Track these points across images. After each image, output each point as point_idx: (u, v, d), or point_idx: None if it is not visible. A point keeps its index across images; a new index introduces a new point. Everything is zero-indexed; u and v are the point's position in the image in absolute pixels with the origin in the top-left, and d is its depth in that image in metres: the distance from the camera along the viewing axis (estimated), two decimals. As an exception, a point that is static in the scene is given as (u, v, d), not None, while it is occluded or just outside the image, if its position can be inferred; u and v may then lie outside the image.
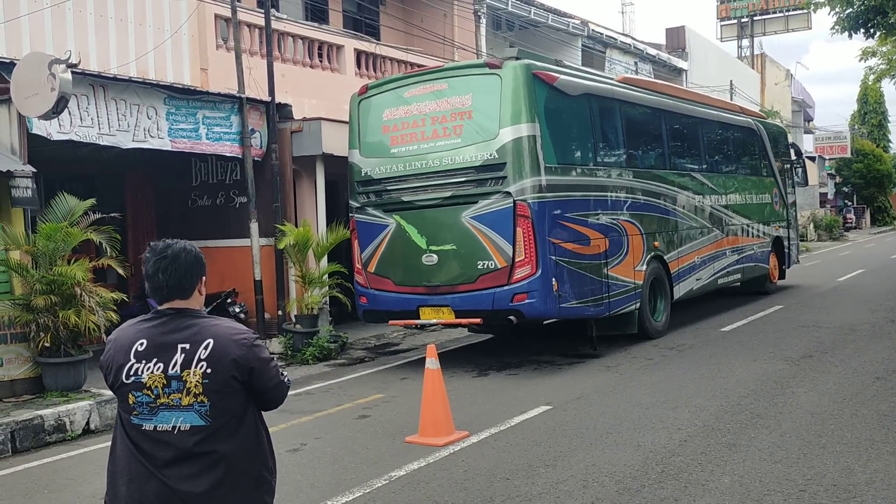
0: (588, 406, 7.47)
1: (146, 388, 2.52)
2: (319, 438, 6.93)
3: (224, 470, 2.53)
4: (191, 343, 2.54)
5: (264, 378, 2.62)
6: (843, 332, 10.77)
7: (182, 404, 2.51)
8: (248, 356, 2.57)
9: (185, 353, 2.52)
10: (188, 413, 2.51)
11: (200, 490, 2.51)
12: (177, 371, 2.51)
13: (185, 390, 2.51)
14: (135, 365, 2.54)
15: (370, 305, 10.17)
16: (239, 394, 2.57)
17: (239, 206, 12.27)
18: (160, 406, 2.52)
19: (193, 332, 2.56)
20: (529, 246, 8.97)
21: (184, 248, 2.66)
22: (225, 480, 2.53)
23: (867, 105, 60.92)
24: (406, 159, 9.72)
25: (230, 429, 2.56)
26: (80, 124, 9.34)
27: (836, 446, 5.80)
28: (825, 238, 37.44)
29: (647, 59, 26.85)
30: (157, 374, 2.52)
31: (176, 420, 2.51)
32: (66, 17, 10.67)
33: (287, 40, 13.74)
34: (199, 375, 2.51)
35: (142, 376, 2.53)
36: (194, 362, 2.51)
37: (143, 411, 2.53)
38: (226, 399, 2.54)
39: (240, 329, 2.65)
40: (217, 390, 2.52)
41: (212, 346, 2.53)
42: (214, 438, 2.53)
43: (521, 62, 9.27)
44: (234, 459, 2.56)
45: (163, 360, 2.53)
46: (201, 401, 2.51)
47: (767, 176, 15.79)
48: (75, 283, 8.09)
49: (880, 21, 14.29)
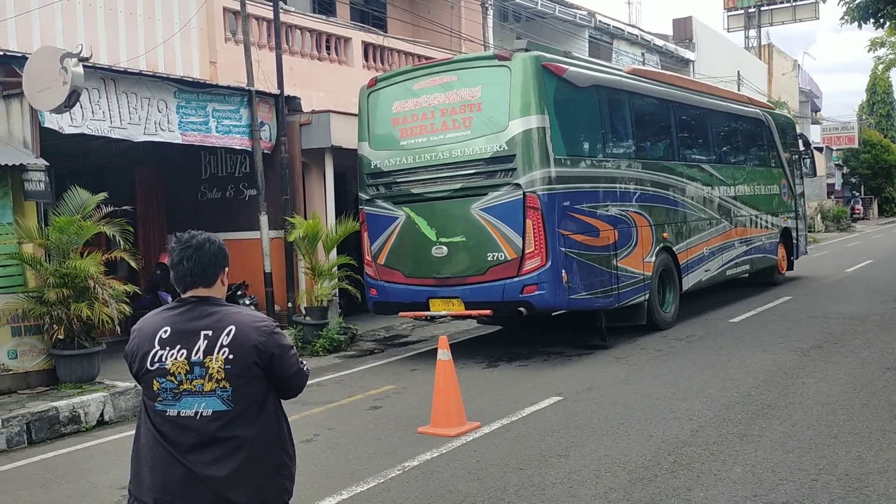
0: (599, 397, 7.51)
1: (170, 374, 2.58)
2: (332, 429, 6.98)
3: (246, 455, 2.59)
4: (213, 329, 2.60)
5: (285, 365, 2.68)
6: (852, 323, 10.77)
7: (204, 390, 2.57)
8: (269, 343, 2.62)
9: (208, 340, 2.58)
10: (210, 398, 2.57)
11: (223, 474, 2.56)
12: (199, 357, 2.57)
13: (207, 376, 2.56)
14: (159, 352, 2.60)
15: (380, 297, 10.21)
16: (260, 380, 2.63)
17: (248, 199, 12.32)
18: (183, 392, 2.58)
19: (216, 319, 2.62)
20: (539, 237, 8.99)
21: (208, 238, 2.73)
22: (246, 465, 2.59)
23: (876, 95, 60.65)
24: (415, 151, 9.74)
25: (251, 415, 2.61)
26: (92, 118, 9.39)
27: (847, 436, 5.82)
28: (833, 229, 37.35)
29: (655, 50, 26.77)
30: (181, 360, 2.58)
31: (198, 406, 2.57)
32: (76, 10, 10.71)
33: (295, 33, 13.76)
34: (221, 361, 2.56)
35: (166, 363, 2.59)
36: (216, 348, 2.57)
37: (167, 397, 2.59)
38: (247, 385, 2.59)
39: (261, 317, 2.72)
40: (239, 376, 2.57)
41: (234, 332, 2.59)
42: (236, 424, 2.58)
43: (530, 54, 9.27)
44: (256, 445, 2.61)
45: (186, 347, 2.59)
46: (223, 386, 2.57)
47: (776, 167, 15.76)
48: (88, 276, 8.15)
49: (890, 11, 14.23)
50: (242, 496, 2.59)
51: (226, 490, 2.56)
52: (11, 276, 8.46)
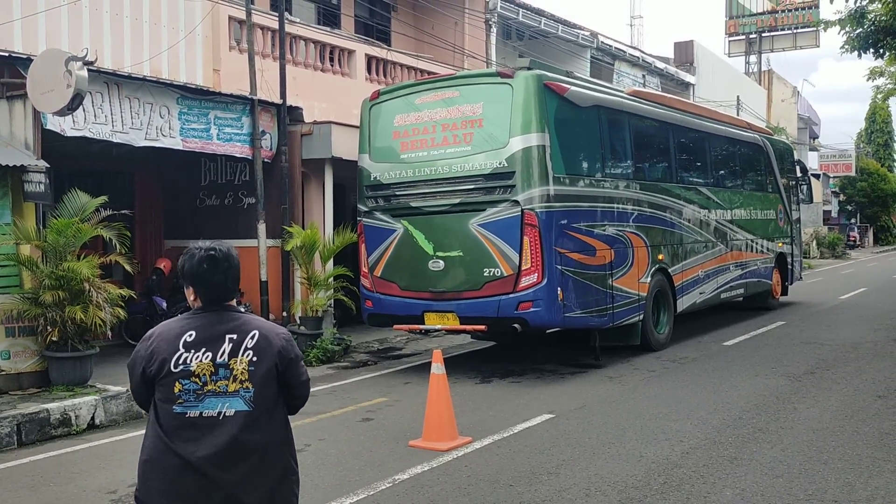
0: (591, 416, 7.51)
1: (194, 375, 2.67)
2: (323, 440, 6.97)
3: (259, 458, 2.69)
4: (238, 333, 2.73)
5: (296, 372, 2.83)
6: (844, 349, 10.80)
7: (229, 391, 2.68)
8: (288, 349, 2.80)
9: (233, 343, 2.71)
10: (234, 399, 2.68)
11: (238, 478, 2.65)
12: (224, 359, 2.69)
13: (231, 377, 2.68)
14: (184, 354, 2.69)
15: (375, 309, 10.22)
16: (275, 384, 2.77)
17: (247, 207, 12.33)
18: (207, 393, 2.67)
19: (239, 325, 2.75)
20: (536, 255, 9.02)
21: (234, 253, 2.87)
22: (260, 469, 2.68)
23: (875, 124, 61.07)
24: (415, 165, 9.79)
25: (266, 418, 2.73)
26: (94, 121, 9.42)
27: (837, 462, 5.84)
28: (828, 255, 37.48)
29: (656, 73, 26.94)
30: (206, 362, 2.68)
31: (222, 406, 2.67)
32: (82, 14, 10.76)
33: (299, 44, 13.83)
34: (246, 363, 2.70)
35: (190, 365, 2.68)
36: (241, 351, 2.70)
37: (188, 399, 2.67)
38: (266, 387, 2.73)
39: (278, 326, 2.90)
40: (261, 377, 2.71)
41: (258, 336, 2.74)
42: (255, 426, 2.69)
43: (532, 72, 9.34)
44: (268, 448, 2.72)
45: (211, 350, 2.69)
46: (247, 387, 2.69)
47: (773, 192, 15.85)
48: (84, 278, 8.16)
49: (890, 42, 14.38)
50: (255, 499, 2.67)
51: (240, 493, 2.64)
52: (7, 276, 8.46)
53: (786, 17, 42.53)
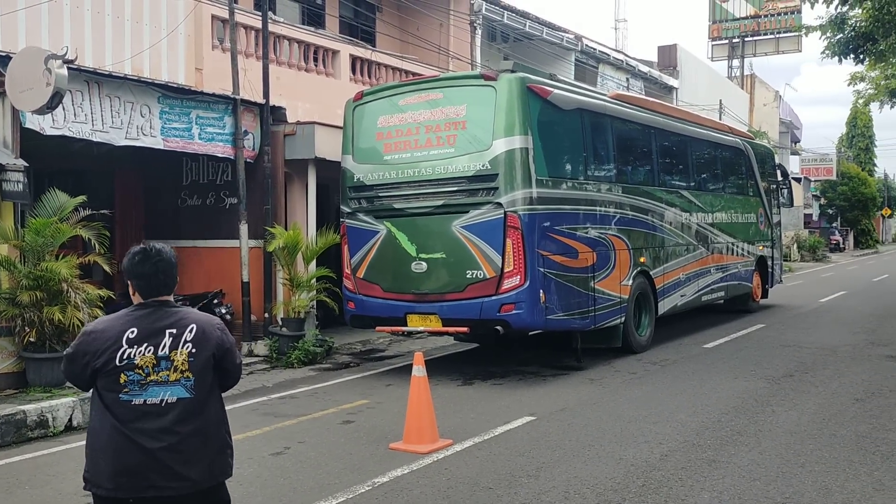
0: (571, 418, 7.53)
1: (138, 367, 2.94)
2: (303, 442, 6.94)
3: (199, 437, 2.99)
4: (177, 328, 3.01)
5: (232, 358, 3.15)
6: (823, 352, 10.90)
7: (170, 380, 2.96)
8: (224, 338, 3.11)
9: (173, 337, 2.99)
10: (175, 387, 2.97)
11: (182, 455, 2.95)
12: (165, 352, 2.97)
13: (172, 368, 2.97)
14: (127, 350, 2.95)
15: (358, 311, 10.20)
16: (212, 371, 3.07)
17: (229, 207, 12.27)
18: (150, 383, 2.95)
19: (178, 319, 3.04)
20: (518, 257, 9.04)
21: (168, 250, 3.13)
22: (200, 446, 3.00)
23: (856, 129, 61.70)
24: (399, 167, 9.78)
25: (205, 402, 3.04)
26: (74, 120, 9.33)
27: (814, 466, 5.89)
28: (808, 259, 37.80)
29: (639, 76, 27.08)
30: (149, 356, 2.96)
31: (164, 394, 2.96)
32: (63, 12, 10.66)
33: (283, 43, 13.78)
34: (186, 354, 2.99)
35: (134, 359, 2.95)
36: (181, 344, 2.99)
37: (133, 388, 2.94)
38: (204, 375, 3.02)
39: (213, 317, 3.19)
40: (200, 366, 3.01)
41: (195, 329, 3.03)
42: (195, 410, 2.99)
43: (516, 75, 9.36)
44: (208, 428, 3.04)
45: (153, 344, 2.97)
46: (187, 376, 2.98)
47: (753, 196, 15.97)
48: (62, 279, 8.09)
49: (870, 48, 14.53)
50: (198, 473, 2.99)
51: (184, 468, 2.95)
52: (-16, 276, 8.37)
53: (768, 22, 42.89)
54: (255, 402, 8.83)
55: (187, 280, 12.63)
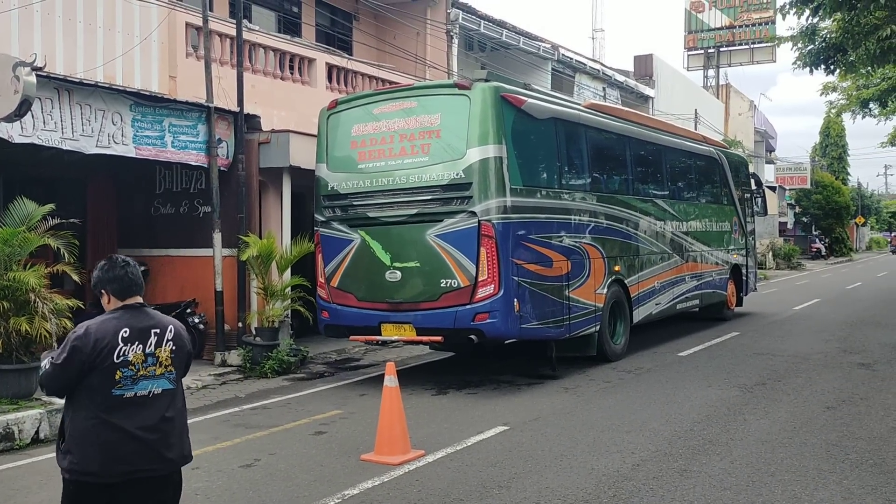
0: (545, 427, 7.52)
1: (131, 364, 3.35)
2: (274, 454, 6.87)
3: (176, 423, 3.48)
4: (159, 329, 3.46)
5: (191, 357, 3.67)
6: (796, 360, 10.99)
7: (156, 374, 3.42)
8: (189, 339, 3.62)
9: (157, 336, 3.44)
10: (160, 380, 3.43)
11: (163, 439, 3.40)
12: (152, 350, 3.42)
13: (158, 363, 3.42)
14: (123, 348, 3.34)
15: (332, 320, 10.14)
16: (184, 365, 3.57)
17: (203, 216, 12.16)
18: (140, 377, 3.37)
19: (158, 321, 3.49)
20: (492, 266, 9.03)
21: (128, 259, 3.56)
22: (176, 431, 3.48)
23: (829, 138, 62.50)
24: (373, 175, 9.75)
25: (179, 393, 3.54)
26: (43, 128, 9.22)
27: (784, 474, 5.92)
28: (783, 267, 38.15)
29: (616, 86, 27.26)
30: (139, 353, 3.38)
31: (151, 386, 3.40)
32: (33, 19, 10.53)
33: (258, 51, 13.71)
34: (168, 351, 3.46)
35: (128, 356, 3.35)
36: (164, 342, 3.45)
37: (126, 383, 3.34)
38: (180, 369, 3.53)
39: (178, 321, 3.64)
40: (180, 361, 3.51)
41: (174, 330, 3.51)
42: (175, 399, 3.49)
43: (489, 84, 9.38)
44: (180, 415, 3.52)
45: (142, 342, 3.39)
46: (170, 370, 3.46)
47: (728, 204, 16.11)
48: (29, 289, 7.96)
49: (840, 58, 14.73)
50: (174, 453, 3.45)
51: (167, 451, 3.41)
52: (-50, 286, 8.21)
53: (743, 33, 43.37)
54: (226, 412, 8.74)
55: (160, 289, 12.52)
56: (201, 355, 11.78)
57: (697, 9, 44.06)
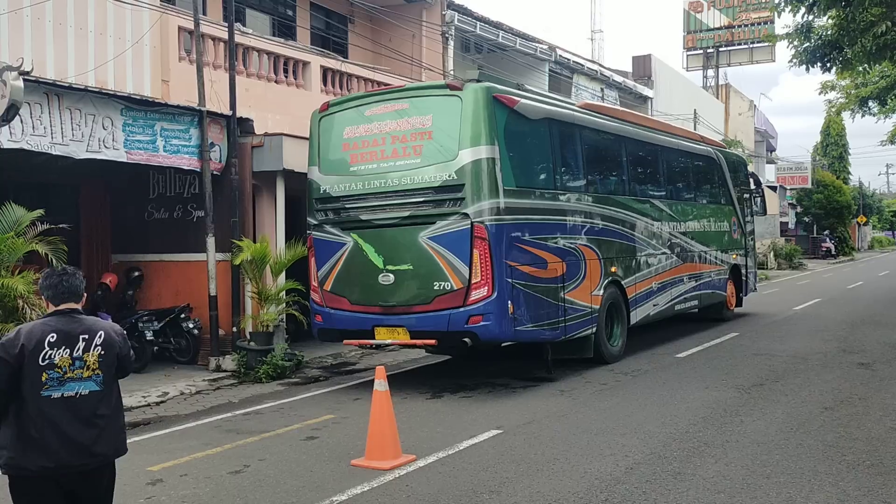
0: (539, 431, 7.43)
1: (57, 367, 3.58)
2: (263, 460, 6.78)
3: (105, 421, 3.71)
4: (88, 334, 3.69)
5: (128, 361, 3.90)
6: (795, 361, 10.88)
7: (83, 376, 3.64)
8: (123, 344, 3.83)
9: (85, 341, 3.67)
10: (88, 382, 3.66)
11: (92, 437, 3.64)
12: (79, 354, 3.64)
13: (85, 366, 3.65)
14: (48, 352, 3.58)
15: (325, 324, 10.05)
16: (115, 369, 3.79)
17: (196, 220, 12.08)
18: (67, 379, 3.60)
19: (88, 326, 3.72)
20: (486, 268, 8.94)
21: (76, 270, 3.89)
22: (106, 428, 3.71)
23: (829, 137, 62.35)
24: (365, 178, 9.67)
25: (109, 394, 3.75)
26: (33, 133, 9.14)
27: (779, 476, 5.82)
28: (785, 267, 38.02)
29: (614, 86, 27.18)
30: (66, 356, 3.61)
31: (79, 388, 3.63)
32: (23, 23, 10.47)
33: (252, 55, 13.65)
34: (96, 356, 3.68)
35: (54, 359, 3.58)
36: (92, 347, 3.68)
37: (52, 384, 3.57)
38: (110, 371, 3.74)
39: (115, 325, 3.91)
40: (107, 365, 3.73)
41: (104, 335, 3.73)
42: (103, 400, 3.71)
43: (481, 85, 9.30)
44: (110, 415, 3.75)
45: (69, 347, 3.62)
46: (97, 373, 3.69)
47: (726, 204, 16.01)
48: (17, 295, 7.89)
49: (836, 56, 14.64)
50: (105, 449, 3.71)
51: (96, 446, 3.65)
52: (-62, 293, 8.14)
53: (742, 32, 43.30)
54: (218, 418, 8.66)
55: (155, 294, 12.45)
56: (195, 361, 11.72)
57: (696, 9, 44.02)
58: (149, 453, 7.02)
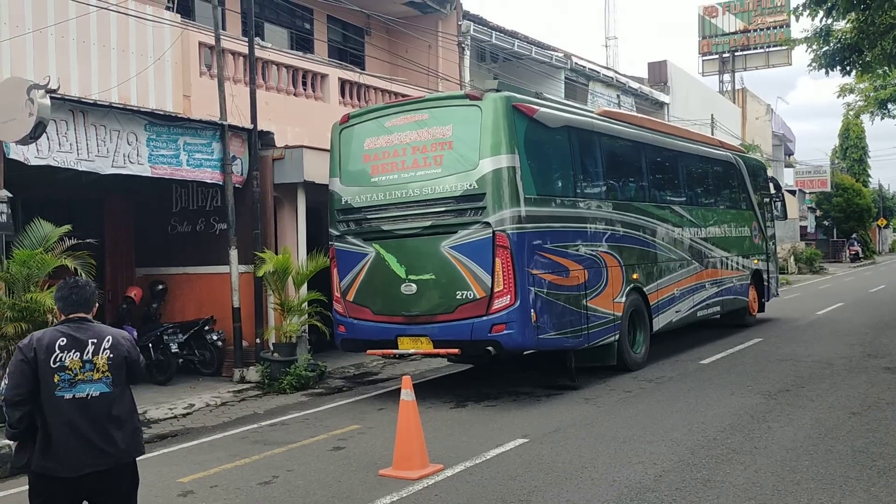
0: (565, 439, 7.42)
1: (68, 369, 3.81)
2: (292, 471, 6.83)
3: (116, 422, 3.89)
4: (97, 339, 3.91)
5: (137, 366, 4.06)
6: (820, 366, 10.80)
7: (94, 378, 3.85)
8: (132, 350, 4.02)
9: (94, 346, 3.89)
10: (98, 384, 3.86)
11: (103, 436, 3.83)
12: (89, 357, 3.86)
13: (95, 369, 3.86)
14: (59, 355, 3.82)
15: (348, 334, 10.10)
16: (125, 372, 3.97)
17: (219, 233, 12.20)
18: (78, 381, 3.82)
19: (97, 332, 3.95)
20: (508, 276, 8.96)
21: (88, 282, 4.15)
22: (117, 428, 3.89)
23: (849, 140, 61.86)
24: (386, 188, 9.73)
25: (120, 396, 3.93)
26: (59, 149, 9.29)
27: (810, 483, 5.79)
28: (805, 271, 37.72)
29: (630, 93, 27.16)
30: (76, 359, 3.83)
31: (89, 389, 3.84)
32: (48, 42, 10.64)
33: (271, 68, 13.78)
34: (105, 359, 3.89)
35: (65, 362, 3.81)
36: (101, 351, 3.89)
37: (64, 386, 3.80)
38: (119, 374, 3.93)
39: (123, 332, 4.11)
40: (116, 368, 3.92)
41: (112, 340, 3.95)
42: (113, 402, 3.89)
43: (500, 94, 9.35)
44: (122, 416, 3.93)
45: (79, 350, 3.85)
46: (107, 375, 3.88)
47: (746, 209, 15.93)
48: (47, 310, 8.00)
49: (856, 59, 14.57)
50: (117, 450, 3.87)
51: (108, 446, 3.84)
52: (-31, 309, 8.27)
53: (758, 37, 43.16)
54: (245, 429, 8.72)
55: (178, 307, 12.56)
56: (220, 372, 11.81)
57: (711, 14, 43.93)
58: (178, 465, 7.09)
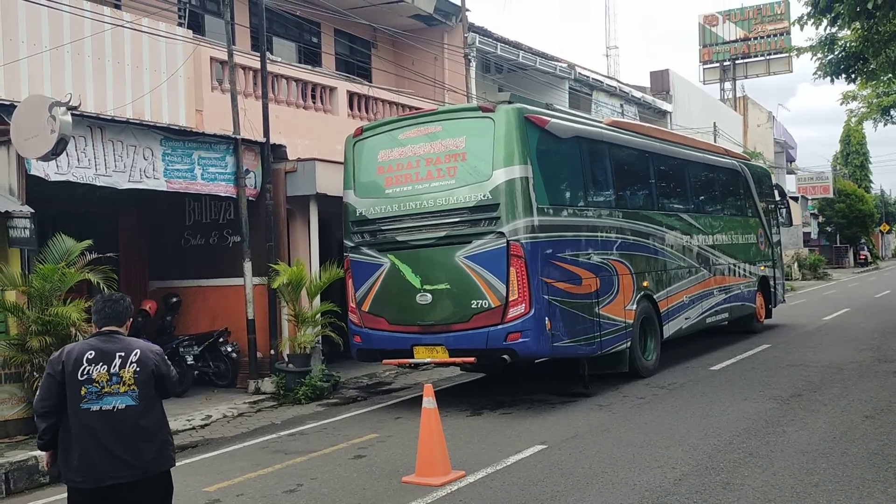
0: (582, 445, 7.53)
1: (95, 381, 3.88)
2: (316, 479, 6.93)
3: (144, 434, 3.93)
4: (125, 352, 3.96)
5: (168, 379, 4.10)
6: (830, 371, 10.90)
7: (120, 391, 3.91)
8: (160, 363, 4.06)
9: (122, 359, 3.94)
10: (124, 397, 3.91)
11: (131, 448, 3.87)
12: (116, 370, 3.92)
13: (121, 382, 3.91)
14: (87, 367, 3.89)
15: (364, 344, 10.22)
16: (153, 386, 4.01)
17: (232, 246, 12.33)
18: (105, 393, 3.89)
19: (125, 346, 4.01)
20: (523, 285, 9.08)
21: (123, 296, 4.23)
22: (145, 441, 3.93)
23: (850, 146, 62.06)
24: (400, 200, 9.86)
25: (148, 409, 3.97)
26: (78, 165, 9.43)
27: (828, 485, 5.88)
28: (809, 277, 37.80)
29: (633, 102, 27.34)
30: (103, 372, 3.90)
31: (115, 402, 3.89)
32: (64, 59, 10.82)
33: (281, 82, 13.95)
34: (132, 372, 3.94)
35: (92, 374, 3.88)
36: (128, 364, 3.94)
37: (91, 398, 3.87)
38: (146, 387, 3.97)
39: (152, 345, 4.15)
40: (143, 381, 3.96)
41: (139, 353, 3.99)
42: (140, 415, 3.93)
43: (513, 106, 9.50)
44: (150, 428, 3.97)
45: (106, 363, 3.91)
46: (133, 388, 3.93)
47: (752, 216, 16.06)
48: (70, 323, 8.12)
49: (861, 67, 14.72)
50: (144, 462, 3.90)
51: (134, 459, 3.87)
52: (-7, 323, 8.41)
53: (758, 45, 43.41)
54: (264, 439, 8.82)
55: (192, 319, 12.68)
56: (235, 384, 11.91)
57: (711, 22, 44.20)
58: (202, 474, 7.20)
